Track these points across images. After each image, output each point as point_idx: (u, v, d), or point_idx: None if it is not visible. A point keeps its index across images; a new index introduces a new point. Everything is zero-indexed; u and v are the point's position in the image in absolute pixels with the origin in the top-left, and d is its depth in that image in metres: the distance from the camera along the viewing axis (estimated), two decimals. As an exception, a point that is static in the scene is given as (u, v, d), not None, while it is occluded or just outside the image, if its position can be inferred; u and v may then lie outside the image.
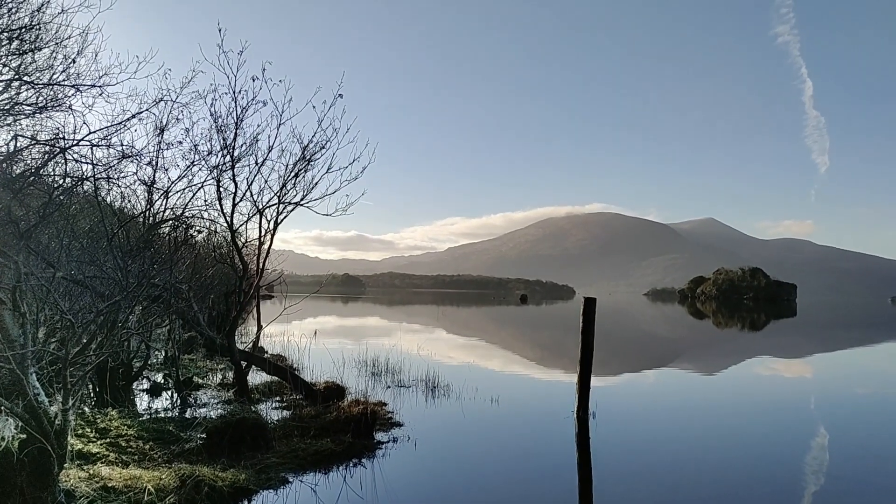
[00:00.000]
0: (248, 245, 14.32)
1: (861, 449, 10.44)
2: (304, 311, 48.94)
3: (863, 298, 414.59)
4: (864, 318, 76.66)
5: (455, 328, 38.97)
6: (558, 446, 10.08)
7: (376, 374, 15.94)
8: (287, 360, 16.64)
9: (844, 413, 13.79)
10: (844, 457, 9.80)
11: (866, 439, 11.19)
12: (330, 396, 11.22)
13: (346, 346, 22.70)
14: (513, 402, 13.20)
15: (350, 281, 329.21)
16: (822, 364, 24.12)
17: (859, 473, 8.90)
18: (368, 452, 8.79)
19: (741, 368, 21.76)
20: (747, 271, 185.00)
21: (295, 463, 7.96)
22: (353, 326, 37.49)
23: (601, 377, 16.80)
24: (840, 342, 36.68)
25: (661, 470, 8.81)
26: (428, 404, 12.67)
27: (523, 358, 22.47)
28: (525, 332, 39.90)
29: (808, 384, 18.26)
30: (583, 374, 11.80)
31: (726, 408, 14.09)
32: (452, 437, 10.35)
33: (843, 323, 63.78)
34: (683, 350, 29.89)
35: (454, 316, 55.85)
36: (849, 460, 9.61)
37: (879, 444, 10.81)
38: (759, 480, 8.43)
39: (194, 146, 10.60)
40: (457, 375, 16.14)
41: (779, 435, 11.33)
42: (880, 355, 28.88)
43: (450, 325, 42.01)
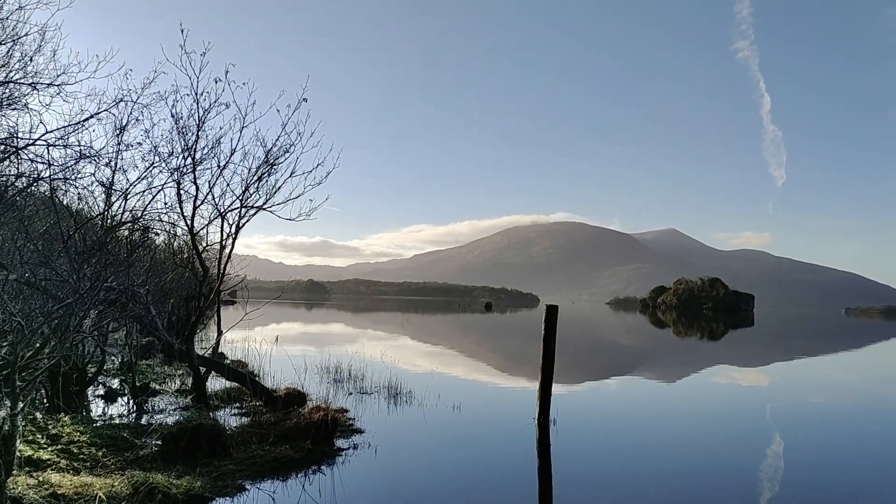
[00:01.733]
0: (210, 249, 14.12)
1: (814, 456, 10.66)
2: (267, 318, 48.44)
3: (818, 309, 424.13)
4: (818, 329, 78.49)
5: (419, 335, 38.92)
6: (519, 453, 10.10)
7: (339, 381, 15.82)
8: (248, 367, 16.42)
9: (799, 421, 14.08)
10: (798, 464, 10.00)
11: (819, 447, 11.44)
12: (290, 403, 11.09)
13: (308, 352, 22.49)
14: (475, 409, 13.21)
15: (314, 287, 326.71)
16: (778, 373, 24.60)
17: (812, 480, 9.07)
18: (328, 459, 8.71)
19: (700, 377, 22.09)
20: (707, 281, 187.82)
21: (253, 470, 7.86)
22: (317, 333, 37.19)
23: (563, 385, 16.91)
24: (795, 352, 37.45)
25: (621, 476, 8.89)
26: (390, 411, 12.62)
27: (486, 365, 22.53)
28: (489, 339, 40.01)
29: (764, 393, 18.61)
30: (544, 381, 11.86)
31: (685, 416, 14.28)
32: (413, 444, 10.31)
33: (798, 333, 65.19)
34: (644, 359, 30.25)
35: (419, 323, 55.77)
36: (802, 467, 9.81)
37: (831, 451, 11.07)
38: (717, 487, 8.56)
39: (154, 148, 10.46)
40: (419, 382, 16.11)
41: (736, 442, 11.52)
42: (834, 365, 29.57)
43: (414, 332, 41.93)
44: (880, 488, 8.80)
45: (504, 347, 33.33)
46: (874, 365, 30.94)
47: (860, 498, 8.31)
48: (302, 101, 10.58)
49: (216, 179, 11.07)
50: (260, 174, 11.12)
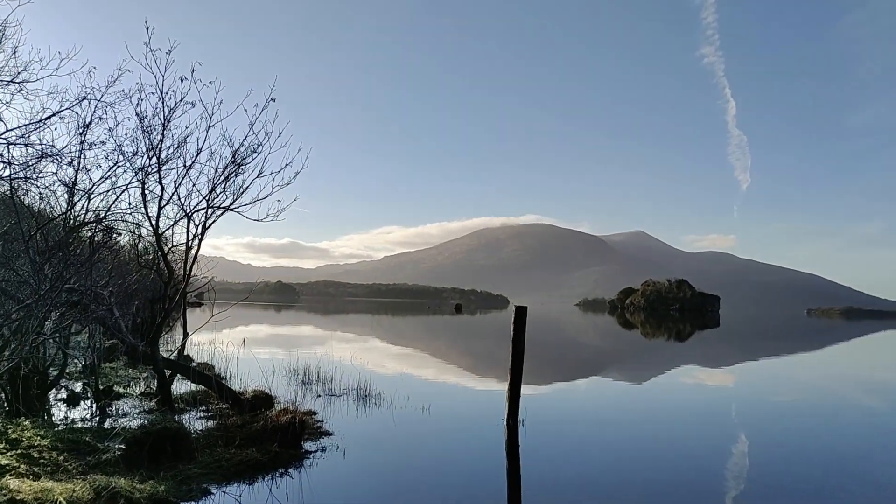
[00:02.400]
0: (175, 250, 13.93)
1: (778, 454, 10.84)
2: (235, 320, 47.95)
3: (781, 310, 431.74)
4: (781, 329, 79.95)
5: (389, 337, 38.82)
6: (488, 454, 10.12)
7: (307, 383, 15.71)
8: (214, 369, 16.23)
9: (763, 420, 14.32)
10: (762, 462, 10.16)
11: (782, 445, 11.63)
12: (258, 405, 10.98)
13: (276, 354, 22.31)
14: (444, 411, 13.21)
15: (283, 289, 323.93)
16: (743, 373, 25.00)
17: (775, 478, 9.22)
18: (296, 462, 8.64)
19: (667, 378, 22.35)
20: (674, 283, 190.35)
21: (218, 474, 7.76)
22: (286, 335, 36.88)
23: (532, 386, 16.99)
24: (760, 352, 38.09)
25: (589, 476, 8.95)
26: (359, 413, 12.56)
27: (456, 367, 22.54)
28: (459, 341, 40.05)
29: (729, 392, 18.89)
30: (513, 382, 11.91)
31: (653, 416, 14.43)
32: (382, 446, 10.27)
33: (762, 333, 66.32)
34: (612, 360, 30.52)
35: (388, 325, 55.63)
36: (766, 465, 9.97)
37: (794, 449, 11.26)
38: (684, 486, 8.67)
39: (119, 147, 10.28)
40: (389, 384, 16.07)
41: (702, 442, 11.68)
42: (796, 365, 30.12)
43: (384, 334, 41.83)
44: (841, 485, 8.99)
45: (474, 349, 33.40)
46: (834, 364, 31.60)
47: (822, 494, 8.48)
48: (270, 100, 10.50)
49: (182, 179, 10.93)
50: (227, 174, 11.01)
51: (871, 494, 8.62)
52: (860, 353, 42.16)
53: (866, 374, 26.75)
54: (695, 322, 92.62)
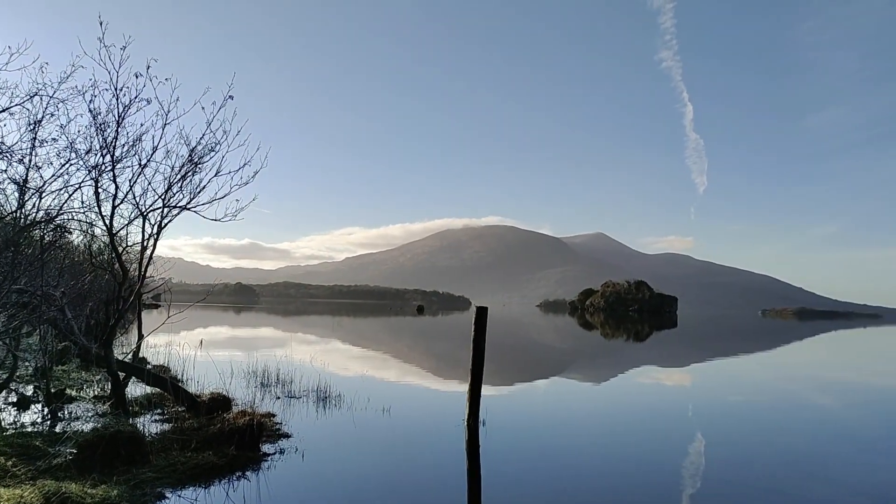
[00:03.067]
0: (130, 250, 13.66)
1: (733, 452, 11.06)
2: (193, 321, 47.15)
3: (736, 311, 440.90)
4: (737, 329, 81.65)
5: (350, 339, 38.58)
6: (448, 455, 10.12)
7: (266, 385, 15.54)
8: (170, 372, 15.95)
9: (719, 419, 14.58)
10: (719, 460, 10.37)
11: (737, 443, 11.86)
12: (215, 408, 10.82)
13: (235, 356, 22.01)
14: (404, 412, 13.18)
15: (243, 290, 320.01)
16: (700, 373, 25.44)
17: (731, 475, 9.41)
18: (253, 465, 8.53)
19: (626, 378, 22.64)
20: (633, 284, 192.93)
21: (173, 477, 7.62)
22: (245, 337, 36.41)
23: (493, 386, 17.07)
24: (716, 352, 38.83)
25: (549, 476, 9.01)
26: (318, 415, 12.46)
27: (417, 368, 22.51)
28: (420, 342, 40.00)
29: (687, 392, 19.20)
30: (474, 383, 11.94)
31: (612, 415, 14.60)
32: (342, 448, 10.20)
33: (718, 334, 67.62)
34: (573, 360, 30.80)
35: (350, 326, 55.30)
36: (722, 463, 10.17)
37: (749, 448, 11.50)
38: (642, 484, 8.79)
39: (71, 144, 10.04)
40: (349, 386, 15.99)
41: (660, 440, 11.85)
42: (751, 364, 30.77)
43: (345, 335, 41.55)
44: (795, 482, 9.20)
45: (435, 350, 33.39)
46: (787, 364, 32.34)
47: (776, 492, 8.66)
48: (228, 98, 10.33)
49: (137, 178, 10.70)
50: (184, 173, 10.81)
51: (823, 491, 8.83)
52: (812, 352, 43.24)
53: (818, 373, 27.43)
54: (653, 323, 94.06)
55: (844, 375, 26.67)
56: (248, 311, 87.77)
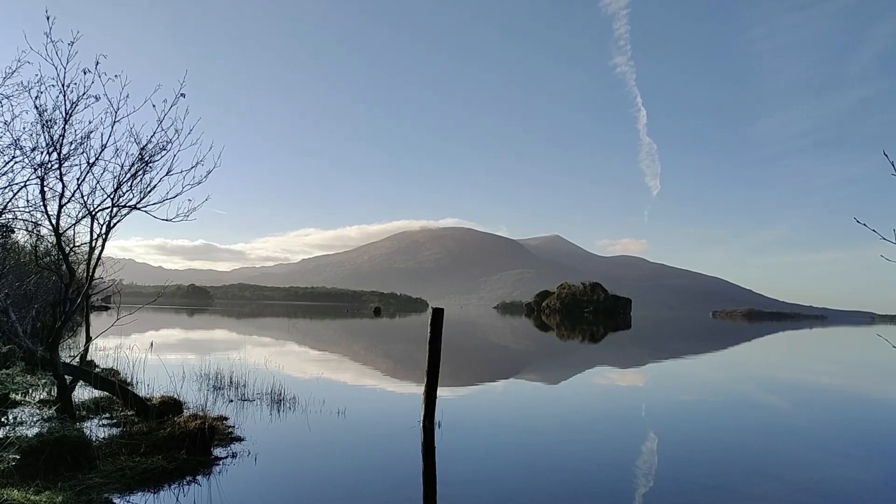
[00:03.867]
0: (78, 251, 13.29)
1: (684, 451, 11.28)
2: (143, 324, 46.19)
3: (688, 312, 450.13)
4: (688, 331, 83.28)
5: (306, 341, 38.21)
6: (404, 456, 10.10)
7: (219, 389, 15.30)
8: (120, 375, 15.58)
9: (671, 418, 14.83)
10: (670, 458, 10.54)
11: (689, 442, 12.10)
12: (165, 412, 10.60)
13: (187, 359, 21.63)
14: (360, 414, 13.12)
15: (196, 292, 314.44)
16: (653, 373, 25.87)
17: (682, 473, 9.59)
18: (204, 469, 8.39)
19: (581, 378, 22.89)
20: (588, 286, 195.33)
21: (121, 483, 7.45)
22: (198, 339, 35.78)
23: (449, 388, 17.09)
24: (668, 352, 39.53)
25: (504, 476, 9.06)
26: (272, 418, 12.32)
27: (374, 370, 22.41)
28: (377, 344, 39.84)
29: (640, 392, 19.50)
30: (430, 384, 11.94)
31: (567, 416, 14.73)
32: (296, 451, 10.10)
33: (670, 335, 68.89)
34: (529, 361, 31.02)
35: (306, 328, 54.77)
36: (674, 461, 10.35)
37: (699, 446, 11.75)
38: (596, 484, 8.88)
39: (16, 141, 9.75)
40: (304, 388, 15.85)
41: (614, 440, 12.01)
42: (701, 364, 31.39)
43: (301, 337, 41.13)
44: (743, 479, 9.41)
45: (392, 352, 33.29)
46: (736, 364, 33.09)
47: (725, 489, 8.85)
48: (180, 96, 10.15)
49: (85, 176, 10.41)
50: (134, 171, 10.57)
51: (770, 487, 9.02)
52: (760, 353, 44.33)
53: (766, 373, 28.15)
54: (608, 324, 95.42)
55: (791, 375, 27.40)
56: (202, 314, 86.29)
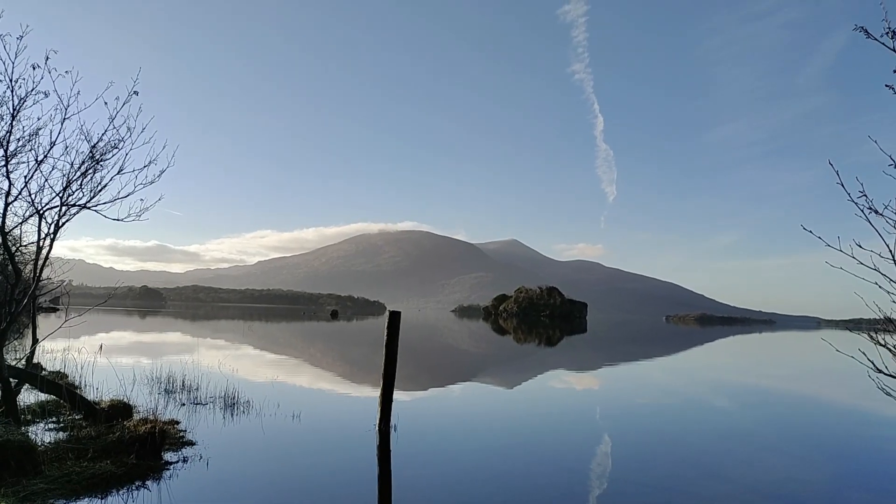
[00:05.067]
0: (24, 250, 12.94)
1: (638, 453, 11.44)
2: (93, 326, 45.11)
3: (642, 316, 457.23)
4: (642, 334, 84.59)
5: (262, 344, 37.74)
6: (359, 460, 10.05)
7: (171, 392, 15.02)
8: (67, 378, 15.19)
9: (625, 421, 15.04)
10: (624, 461, 10.70)
11: (642, 444, 12.27)
12: (114, 416, 10.37)
13: (139, 362, 21.19)
14: (315, 418, 13.02)
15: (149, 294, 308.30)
16: (608, 376, 26.22)
17: (635, 475, 9.73)
18: (154, 474, 8.23)
19: (537, 382, 23.06)
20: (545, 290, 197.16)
21: (67, 488, 7.26)
22: (150, 342, 35.07)
23: (406, 391, 17.07)
24: (623, 356, 40.09)
25: (459, 479, 9.07)
26: (225, 422, 12.15)
27: (330, 373, 22.26)
28: (334, 347, 39.57)
29: (595, 395, 19.72)
30: (386, 387, 11.92)
31: (523, 419, 14.84)
32: (249, 455, 9.97)
33: (625, 338, 69.87)
34: (486, 365, 31.16)
35: (262, 331, 54.09)
36: (627, 464, 10.50)
37: (652, 448, 11.93)
38: (550, 486, 8.96)
39: (-40, 137, 9.44)
40: (259, 392, 15.67)
41: (569, 443, 12.12)
42: (655, 368, 31.94)
43: (256, 340, 40.61)
44: (694, 481, 9.59)
45: (349, 355, 33.09)
46: (688, 368, 33.74)
47: (676, 491, 9.01)
48: (133, 93, 9.96)
49: (33, 174, 10.14)
50: (84, 170, 10.33)
51: (720, 489, 9.22)
52: (712, 357, 45.30)
53: (717, 376, 28.77)
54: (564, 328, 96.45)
55: (740, 379, 28.05)
56: (154, 316, 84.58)
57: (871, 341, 6.57)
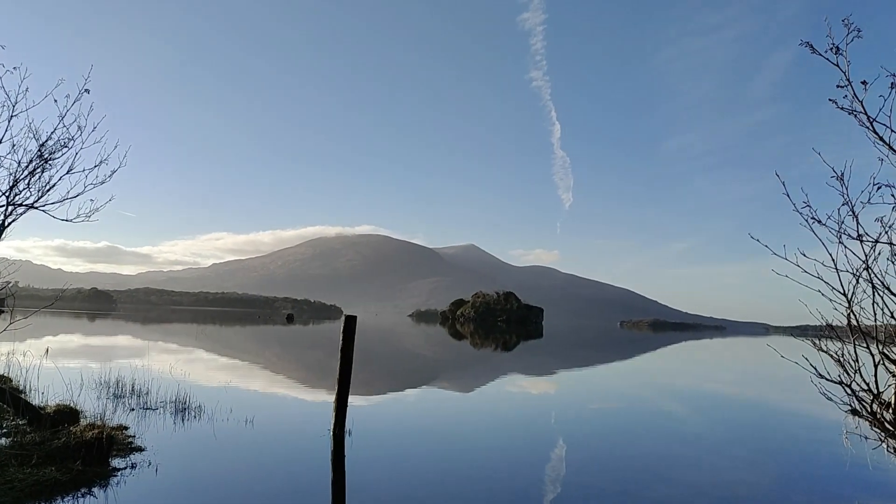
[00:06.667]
0: (-33, 250, 12.52)
1: (591, 457, 11.60)
2: (40, 329, 43.88)
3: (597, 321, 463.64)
4: (597, 340, 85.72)
5: (215, 348, 37.13)
6: (313, 465, 9.98)
7: (120, 397, 14.70)
8: (11, 382, 14.73)
9: (579, 425, 15.22)
10: (578, 464, 10.83)
11: (596, 448, 12.46)
12: (61, 421, 10.10)
13: (87, 366, 20.66)
14: (269, 423, 12.87)
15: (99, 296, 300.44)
16: (563, 381, 26.46)
17: (589, 479, 9.86)
18: (101, 481, 8.04)
19: (493, 386, 23.17)
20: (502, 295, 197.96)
21: (10, 496, 7.05)
22: (99, 346, 34.22)
23: (362, 396, 16.99)
24: (578, 361, 40.56)
25: (413, 485, 9.07)
26: (176, 427, 11.93)
27: (285, 378, 22.01)
28: (290, 351, 39.19)
29: (550, 399, 19.92)
30: (341, 392, 11.86)
31: (478, 423, 14.90)
32: (200, 461, 9.81)
33: (580, 343, 70.73)
34: (442, 369, 31.18)
35: (216, 335, 53.24)
36: (581, 467, 10.64)
37: (606, 452, 12.12)
38: (504, 491, 9.01)
39: None
40: (211, 396, 15.42)
41: (524, 447, 12.23)
42: (610, 372, 32.41)
43: (210, 344, 39.95)
44: (645, 484, 9.75)
45: (305, 359, 32.79)
46: (640, 372, 34.33)
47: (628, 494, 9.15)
48: (84, 91, 9.73)
49: (-23, 173, 9.84)
50: (32, 169, 10.05)
51: (670, 492, 9.39)
52: (664, 362, 46.12)
53: (669, 381, 29.30)
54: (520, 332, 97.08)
55: (691, 383, 28.62)
56: (104, 319, 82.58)
57: (815, 347, 6.78)
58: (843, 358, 6.73)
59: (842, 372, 6.73)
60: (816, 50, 6.14)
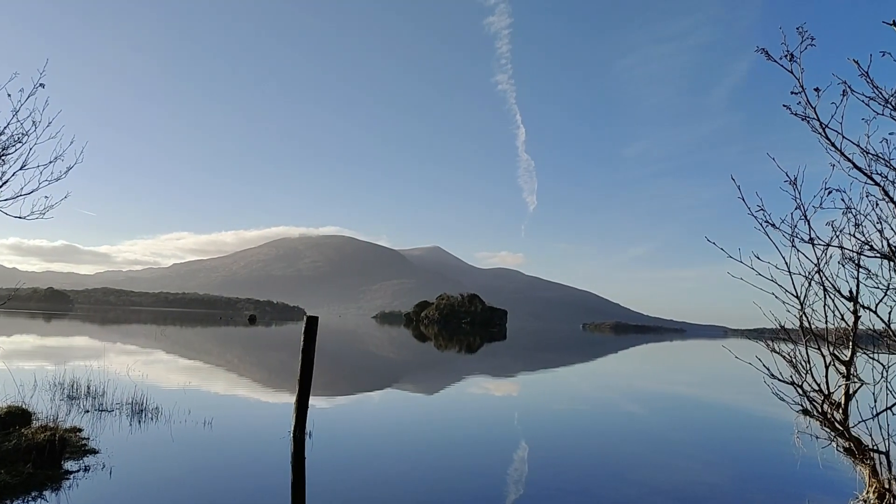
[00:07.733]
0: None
1: (553, 458, 11.70)
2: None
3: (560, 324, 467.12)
4: (560, 342, 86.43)
5: (175, 349, 36.52)
6: (272, 467, 9.86)
7: (74, 398, 14.38)
8: (-40, 384, 14.34)
9: (542, 426, 15.32)
10: (540, 465, 10.89)
11: (558, 449, 12.58)
12: (11, 423, 9.84)
13: (41, 367, 20.19)
14: (228, 425, 12.71)
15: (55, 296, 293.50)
16: (526, 383, 26.61)
17: (550, 480, 9.92)
18: (53, 484, 7.85)
19: (457, 388, 23.19)
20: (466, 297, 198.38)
21: (-45, 500, 6.86)
22: (54, 346, 33.43)
23: (324, 397, 16.89)
24: (540, 363, 40.83)
25: (374, 486, 9.03)
26: (132, 429, 11.71)
27: (245, 379, 21.77)
28: (251, 352, 38.74)
29: (513, 401, 20.01)
30: (301, 393, 11.77)
31: (441, 425, 14.89)
32: (156, 464, 9.63)
33: (543, 346, 71.22)
34: (406, 371, 31.13)
35: (176, 336, 52.35)
36: (543, 468, 10.70)
37: (568, 452, 12.24)
38: (466, 492, 9.03)
39: None
40: (169, 398, 15.18)
41: (487, 449, 12.25)
42: (571, 374, 32.68)
43: (170, 345, 39.26)
44: (605, 484, 9.88)
45: (266, 361, 32.46)
46: (603, 375, 34.68)
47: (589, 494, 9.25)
48: (39, 86, 9.50)
49: (-74, 168, 9.55)
50: (-16, 164, 9.79)
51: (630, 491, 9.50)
52: (625, 363, 46.70)
53: (630, 382, 29.67)
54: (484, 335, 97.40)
55: (651, 385, 29.02)
56: (61, 319, 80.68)
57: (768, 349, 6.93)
58: (796, 359, 6.90)
59: (794, 373, 6.89)
60: (772, 57, 6.29)
